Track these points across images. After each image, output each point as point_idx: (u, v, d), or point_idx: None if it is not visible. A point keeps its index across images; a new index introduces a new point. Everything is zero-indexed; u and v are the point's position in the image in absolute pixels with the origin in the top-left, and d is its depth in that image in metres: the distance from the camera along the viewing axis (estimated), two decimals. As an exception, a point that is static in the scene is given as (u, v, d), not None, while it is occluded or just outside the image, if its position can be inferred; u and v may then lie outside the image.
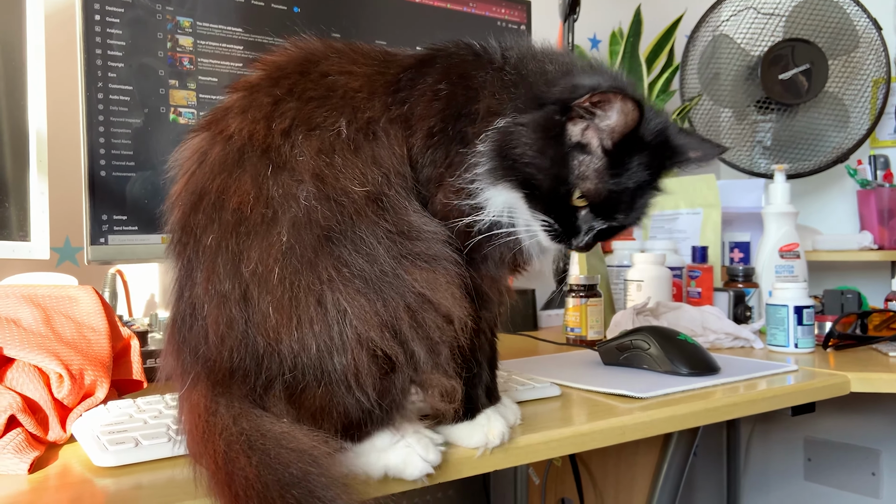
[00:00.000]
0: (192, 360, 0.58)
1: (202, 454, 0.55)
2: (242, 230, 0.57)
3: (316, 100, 0.62)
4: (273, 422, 0.56)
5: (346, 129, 0.61)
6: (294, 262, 0.56)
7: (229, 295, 0.57)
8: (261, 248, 0.57)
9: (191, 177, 0.61)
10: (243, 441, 0.54)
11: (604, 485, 1.36)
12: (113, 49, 1.02)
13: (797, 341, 1.17)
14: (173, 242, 0.61)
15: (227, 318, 0.57)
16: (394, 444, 0.60)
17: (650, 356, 1.00)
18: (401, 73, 0.66)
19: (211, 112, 0.65)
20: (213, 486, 0.53)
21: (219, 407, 0.56)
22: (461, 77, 0.66)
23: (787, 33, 1.80)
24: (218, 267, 0.58)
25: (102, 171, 1.01)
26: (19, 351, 0.64)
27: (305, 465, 0.52)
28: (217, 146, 0.61)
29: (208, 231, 0.58)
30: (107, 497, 0.55)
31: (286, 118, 0.61)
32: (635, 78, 1.78)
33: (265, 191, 0.58)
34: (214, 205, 0.59)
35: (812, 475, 1.91)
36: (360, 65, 0.66)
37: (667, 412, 0.81)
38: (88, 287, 0.78)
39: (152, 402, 0.73)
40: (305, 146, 0.59)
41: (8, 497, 0.54)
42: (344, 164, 0.60)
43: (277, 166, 0.59)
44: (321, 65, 0.65)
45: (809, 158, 1.82)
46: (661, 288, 1.34)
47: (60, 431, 0.65)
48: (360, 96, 0.63)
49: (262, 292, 0.56)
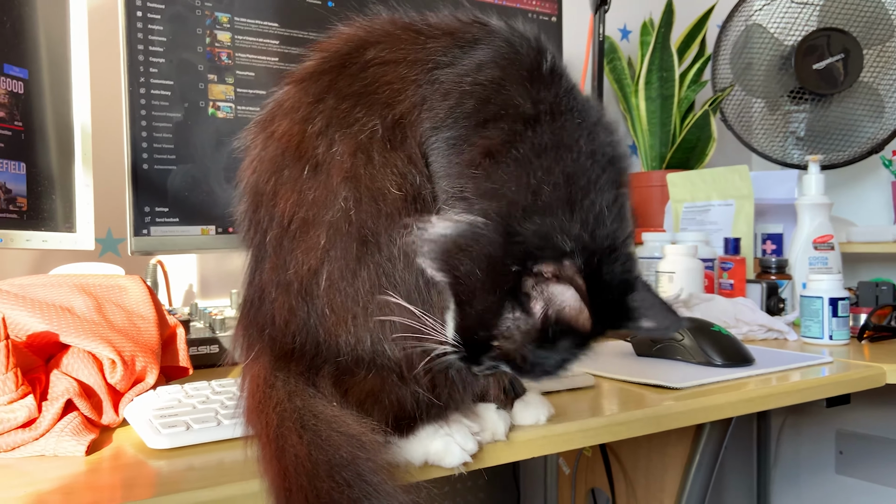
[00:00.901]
0: (258, 336, 0.61)
1: (255, 425, 0.57)
2: (291, 231, 0.60)
3: (352, 97, 0.62)
4: (325, 404, 0.57)
5: (382, 127, 0.60)
6: (337, 266, 0.58)
7: (291, 286, 0.60)
8: (306, 251, 0.59)
9: (252, 173, 0.64)
10: (296, 418, 0.55)
11: (634, 475, 1.36)
12: (154, 45, 1.04)
13: (832, 333, 1.17)
14: (243, 232, 0.65)
15: (291, 305, 0.60)
16: (435, 432, 0.62)
17: (683, 347, 1.00)
18: (432, 60, 0.61)
19: (268, 107, 0.66)
20: (263, 459, 0.54)
21: (276, 381, 0.58)
22: (488, 99, 0.59)
23: (822, 22, 1.78)
24: (280, 260, 0.60)
25: (145, 165, 1.04)
26: (75, 338, 0.66)
27: (354, 450, 0.53)
28: (270, 146, 0.63)
29: (269, 229, 0.61)
30: (161, 478, 0.57)
31: (322, 118, 0.61)
32: (667, 69, 1.77)
33: (303, 195, 0.60)
34: (268, 205, 0.62)
35: (843, 468, 1.89)
36: (400, 50, 0.63)
37: (702, 402, 0.82)
38: (136, 277, 0.81)
39: (199, 387, 0.75)
40: (342, 146, 0.60)
41: (68, 477, 0.56)
42: (383, 163, 0.59)
43: (313, 169, 0.60)
44: (366, 52, 0.63)
45: (843, 149, 1.80)
46: (692, 280, 1.34)
47: (113, 415, 0.67)
48: (394, 88, 0.62)
49: (317, 290, 0.59)
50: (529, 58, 0.60)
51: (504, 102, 0.58)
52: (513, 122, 0.57)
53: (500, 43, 0.61)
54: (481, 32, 0.62)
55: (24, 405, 0.60)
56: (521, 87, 0.58)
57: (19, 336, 0.66)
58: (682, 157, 1.79)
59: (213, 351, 0.97)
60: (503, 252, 0.54)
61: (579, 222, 0.54)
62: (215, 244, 1.10)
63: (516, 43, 0.61)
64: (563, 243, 0.53)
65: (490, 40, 0.61)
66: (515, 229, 0.54)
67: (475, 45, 0.61)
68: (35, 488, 0.54)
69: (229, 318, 1.05)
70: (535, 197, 0.55)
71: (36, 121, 0.99)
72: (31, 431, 0.60)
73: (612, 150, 0.59)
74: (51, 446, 0.60)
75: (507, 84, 0.59)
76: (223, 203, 1.09)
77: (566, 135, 0.57)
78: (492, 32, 0.62)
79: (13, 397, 0.60)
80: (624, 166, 0.60)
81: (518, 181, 0.55)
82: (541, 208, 0.54)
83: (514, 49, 0.61)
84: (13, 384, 0.60)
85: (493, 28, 0.63)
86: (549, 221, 0.54)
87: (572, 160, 0.56)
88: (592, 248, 0.54)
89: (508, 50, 0.61)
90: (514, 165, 0.56)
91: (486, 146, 0.57)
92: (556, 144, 0.56)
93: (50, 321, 0.66)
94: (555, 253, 0.53)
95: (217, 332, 0.99)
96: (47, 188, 1.01)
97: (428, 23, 0.65)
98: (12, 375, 0.59)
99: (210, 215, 1.09)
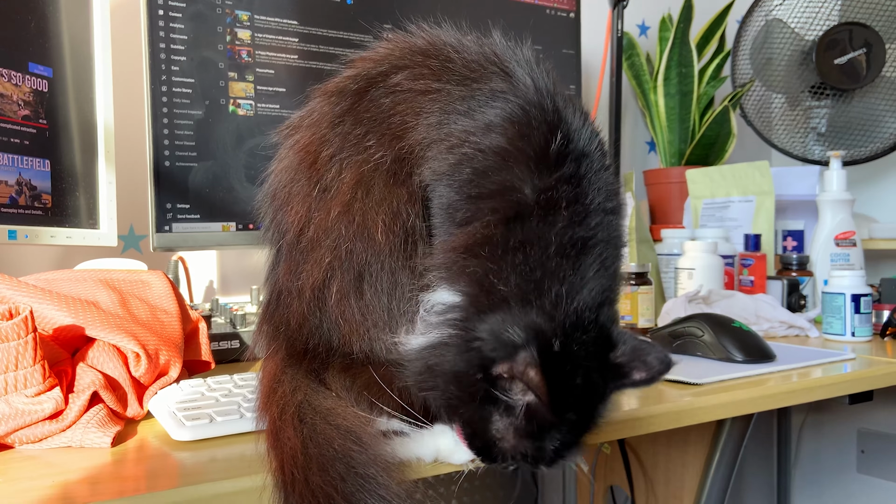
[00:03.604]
0: (275, 334, 0.64)
1: (262, 418, 0.59)
2: (301, 243, 0.63)
3: (367, 123, 0.62)
4: (325, 397, 0.58)
5: (390, 159, 0.61)
6: (345, 283, 0.60)
7: (303, 294, 0.62)
8: (314, 264, 0.61)
9: (275, 176, 0.67)
10: (293, 412, 0.56)
11: (654, 473, 1.36)
12: (175, 43, 1.05)
13: (854, 330, 1.16)
14: (266, 231, 0.68)
15: (303, 311, 0.62)
16: (447, 428, 0.62)
17: (704, 343, 0.99)
18: (450, 104, 0.60)
19: (301, 112, 0.68)
20: (267, 452, 0.55)
21: (285, 377, 0.60)
22: (486, 172, 0.57)
23: (843, 16, 1.76)
24: (293, 266, 0.63)
25: (166, 162, 1.05)
26: (100, 331, 0.67)
27: (348, 443, 0.54)
28: (290, 155, 0.66)
29: (285, 233, 0.64)
30: (185, 469, 0.58)
31: (337, 141, 0.63)
32: (686, 64, 1.76)
33: (311, 213, 0.62)
34: (283, 211, 0.65)
35: (865, 467, 1.87)
36: (424, 79, 0.62)
37: (723, 398, 0.82)
38: (159, 272, 0.82)
39: (222, 381, 0.76)
40: (348, 174, 0.61)
41: (94, 468, 0.57)
42: (380, 200, 0.60)
43: (322, 192, 0.62)
44: (393, 76, 0.63)
45: (865, 145, 1.78)
46: (712, 276, 1.33)
47: (138, 408, 0.68)
48: (406, 121, 0.61)
49: (329, 300, 0.61)
50: (540, 133, 0.57)
51: (500, 182, 0.57)
52: (503, 208, 0.56)
53: (514, 108, 0.59)
54: (502, 86, 0.60)
55: (51, 397, 0.61)
56: (522, 166, 0.56)
57: (46, 329, 0.67)
58: (702, 154, 1.77)
59: (234, 346, 0.98)
60: (466, 364, 0.53)
61: (535, 310, 0.53)
62: (236, 240, 1.11)
63: (531, 113, 0.58)
64: (512, 336, 0.51)
65: (507, 100, 0.59)
66: (473, 334, 0.53)
67: (491, 101, 0.60)
68: (63, 478, 0.54)
69: (250, 314, 1.06)
70: (489, 296, 0.54)
71: (60, 118, 1.00)
72: (58, 423, 0.61)
73: (604, 231, 0.57)
74: (77, 438, 0.61)
75: (509, 160, 0.57)
76: (244, 200, 1.10)
77: (546, 229, 0.55)
78: (512, 90, 0.60)
79: (40, 389, 0.61)
80: (617, 244, 0.59)
81: (480, 280, 0.54)
82: (495, 305, 0.53)
83: (527, 118, 0.58)
84: (41, 376, 0.60)
85: (516, 83, 0.60)
86: (501, 317, 0.52)
87: (541, 255, 0.54)
88: (551, 331, 0.52)
89: (521, 118, 0.58)
90: (482, 263, 0.55)
91: (466, 241, 0.56)
92: (530, 240, 0.55)
93: (76, 315, 0.67)
94: (506, 350, 0.51)
95: (238, 328, 1.00)
96: (71, 185, 1.02)
97: (460, 53, 0.63)
98: (40, 367, 0.60)
99: (231, 212, 1.10)
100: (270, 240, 0.67)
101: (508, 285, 0.54)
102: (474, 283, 0.55)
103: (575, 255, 0.55)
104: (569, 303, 0.54)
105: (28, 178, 0.95)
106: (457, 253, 0.56)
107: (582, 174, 0.58)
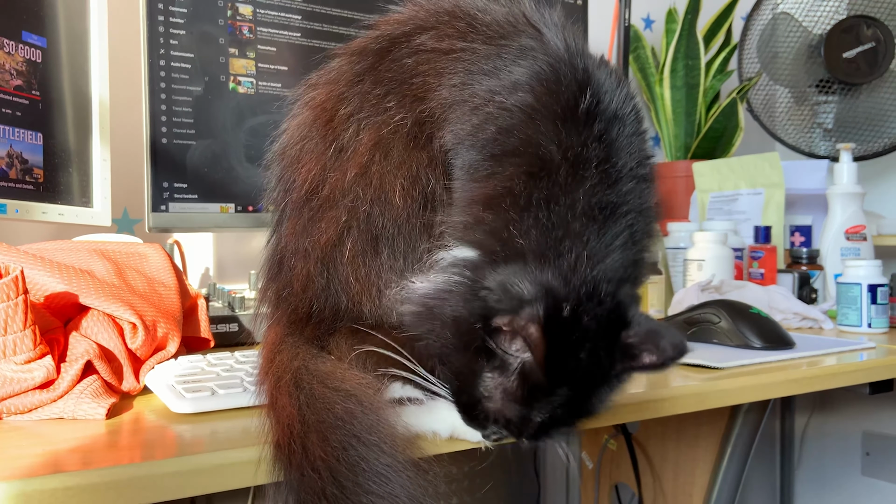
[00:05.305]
0: (276, 299, 0.61)
1: (260, 390, 0.55)
2: (312, 202, 0.60)
3: (387, 83, 0.60)
4: (324, 360, 0.55)
5: (410, 121, 0.58)
6: (360, 241, 0.57)
7: (310, 253, 0.59)
8: (328, 222, 0.58)
9: (287, 134, 0.64)
10: (289, 379, 0.53)
11: (662, 469, 1.32)
12: (175, 16, 1.01)
13: (870, 321, 1.13)
14: (270, 190, 0.65)
15: (309, 272, 0.59)
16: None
17: (720, 330, 0.96)
18: (474, 64, 0.58)
19: (317, 73, 0.66)
20: (267, 423, 0.51)
21: (284, 345, 0.57)
22: (511, 130, 0.54)
23: (851, 11, 1.74)
24: (299, 226, 0.60)
25: (164, 139, 1.01)
26: (95, 299, 0.63)
27: (350, 405, 0.49)
28: (305, 111, 0.63)
29: (292, 190, 0.61)
30: (183, 441, 0.54)
31: (356, 100, 0.60)
32: (692, 57, 1.74)
33: (326, 172, 0.59)
34: (293, 169, 0.62)
35: (870, 470, 1.84)
36: (447, 39, 0.59)
37: (746, 381, 0.78)
38: (156, 245, 0.78)
39: (222, 357, 0.72)
40: (366, 135, 0.58)
41: (87, 438, 0.53)
42: (399, 163, 0.57)
43: (338, 152, 0.59)
44: (418, 37, 0.60)
45: (873, 141, 1.76)
46: (723, 267, 1.30)
47: (134, 382, 0.64)
48: (428, 82, 0.59)
49: (340, 259, 0.58)
50: (569, 91, 0.54)
51: (526, 139, 0.53)
52: (527, 163, 0.53)
53: (542, 65, 0.55)
54: (531, 43, 0.57)
55: (42, 365, 0.57)
56: (549, 123, 0.53)
57: (37, 297, 0.63)
58: (708, 147, 1.75)
59: (233, 329, 0.94)
60: (467, 311, 0.50)
61: (551, 269, 0.49)
62: (234, 222, 1.07)
63: (560, 71, 0.55)
64: (521, 291, 0.48)
65: (535, 57, 0.56)
66: (481, 283, 0.50)
67: (518, 59, 0.56)
68: (52, 447, 0.50)
69: (248, 299, 1.02)
70: (505, 247, 0.51)
71: (54, 91, 0.96)
72: (50, 392, 0.57)
73: (636, 199, 0.54)
74: (70, 408, 0.57)
75: (536, 117, 0.54)
76: (243, 180, 1.06)
77: (573, 186, 0.52)
78: (541, 47, 0.57)
79: (31, 356, 0.56)
80: (648, 215, 0.55)
81: (497, 232, 0.52)
82: (510, 257, 0.50)
83: (556, 76, 0.55)
84: (31, 342, 0.56)
85: (545, 41, 0.57)
86: (513, 270, 0.49)
87: (566, 213, 0.51)
88: (564, 295, 0.48)
89: (549, 76, 0.55)
90: (501, 215, 0.52)
91: (486, 193, 0.53)
92: (555, 196, 0.51)
93: (69, 282, 0.63)
94: (512, 303, 0.48)
95: (237, 311, 0.96)
96: (64, 161, 0.98)
97: (487, 13, 0.60)
98: (30, 333, 0.56)
99: (230, 192, 1.06)
100: (275, 199, 0.63)
101: (527, 239, 0.51)
102: (490, 235, 0.52)
103: (602, 219, 0.52)
104: (588, 269, 0.50)
105: (19, 151, 0.91)
106: (475, 205, 0.53)
107: (614, 136, 0.54)
